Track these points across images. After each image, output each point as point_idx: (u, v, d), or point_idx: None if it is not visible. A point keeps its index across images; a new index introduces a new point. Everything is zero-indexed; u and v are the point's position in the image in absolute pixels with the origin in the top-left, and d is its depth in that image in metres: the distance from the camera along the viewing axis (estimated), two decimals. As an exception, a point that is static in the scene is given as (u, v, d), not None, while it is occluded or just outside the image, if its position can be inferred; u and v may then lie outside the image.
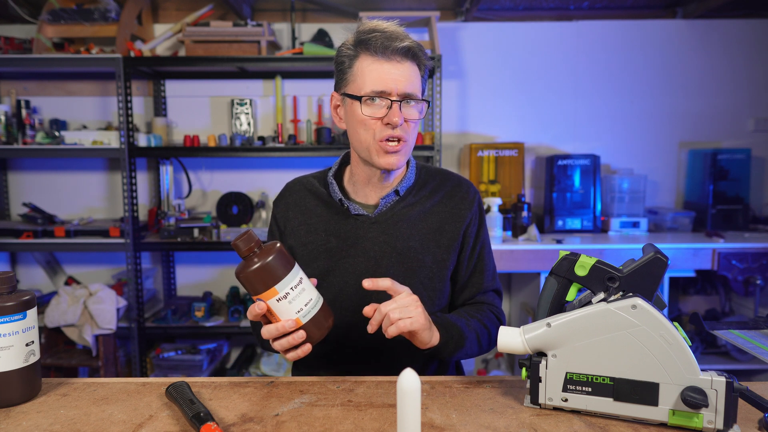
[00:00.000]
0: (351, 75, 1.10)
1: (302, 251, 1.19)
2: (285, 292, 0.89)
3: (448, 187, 1.22)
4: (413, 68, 1.09)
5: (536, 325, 0.88)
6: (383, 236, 1.16)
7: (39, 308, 2.26)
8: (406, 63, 1.08)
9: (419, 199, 1.20)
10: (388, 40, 1.06)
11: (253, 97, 2.99)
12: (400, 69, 1.07)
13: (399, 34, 1.07)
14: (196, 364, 2.71)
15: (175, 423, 0.85)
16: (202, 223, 2.75)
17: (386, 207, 1.18)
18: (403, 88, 1.07)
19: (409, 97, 1.08)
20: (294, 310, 0.90)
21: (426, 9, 3.01)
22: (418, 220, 1.17)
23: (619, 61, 3.05)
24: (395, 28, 1.09)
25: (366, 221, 1.17)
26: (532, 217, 2.81)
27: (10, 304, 0.88)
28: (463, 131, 3.09)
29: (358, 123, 1.10)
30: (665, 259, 0.87)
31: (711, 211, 2.87)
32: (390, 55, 1.06)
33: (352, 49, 1.10)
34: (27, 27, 2.95)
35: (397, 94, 1.07)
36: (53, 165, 3.06)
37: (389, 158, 1.10)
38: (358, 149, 1.14)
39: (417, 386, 0.64)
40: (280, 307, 0.90)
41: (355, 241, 1.16)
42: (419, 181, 1.22)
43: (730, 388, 0.78)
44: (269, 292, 0.88)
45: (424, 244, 1.16)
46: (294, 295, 0.90)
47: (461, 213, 1.20)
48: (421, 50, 1.10)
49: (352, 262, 1.16)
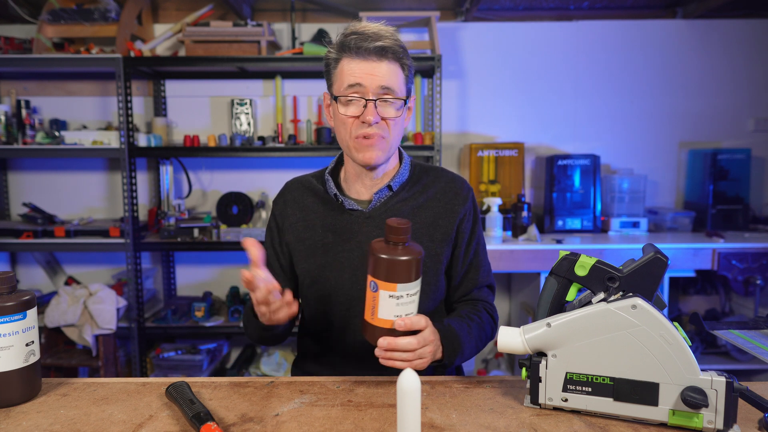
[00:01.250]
0: (334, 76, 1.15)
1: (300, 247, 1.22)
2: (401, 294, 0.90)
3: (441, 183, 1.24)
4: (391, 67, 1.11)
5: (536, 325, 0.88)
6: (377, 231, 1.18)
7: (39, 308, 2.25)
8: (383, 62, 1.10)
9: (412, 195, 1.22)
10: (364, 40, 1.09)
11: (253, 97, 2.99)
12: (375, 66, 1.10)
13: (378, 35, 1.10)
14: (196, 364, 2.71)
15: (175, 423, 0.85)
16: (202, 223, 2.74)
17: (380, 202, 1.20)
18: (378, 82, 1.10)
19: (386, 91, 1.11)
20: (394, 313, 0.91)
21: (426, 9, 3.01)
22: (411, 215, 1.20)
23: (619, 61, 3.04)
24: (377, 29, 1.11)
25: (360, 216, 1.19)
26: (532, 217, 2.81)
27: (10, 304, 0.88)
28: (463, 131, 3.09)
29: (339, 122, 1.15)
30: (665, 259, 0.87)
31: (711, 211, 2.87)
32: (366, 55, 1.10)
33: (334, 52, 1.14)
34: (27, 27, 2.95)
35: (372, 89, 1.10)
36: (53, 165, 3.06)
37: (365, 153, 1.13)
38: (343, 147, 1.19)
39: (417, 386, 0.64)
40: (387, 302, 0.90)
41: (350, 236, 1.19)
42: (413, 177, 1.25)
43: (730, 388, 0.78)
44: (390, 285, 0.89)
45: (418, 239, 1.18)
46: (404, 301, 0.90)
47: (455, 208, 1.21)
48: (401, 50, 1.12)
49: (347, 256, 1.18)
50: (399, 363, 0.95)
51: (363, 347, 1.19)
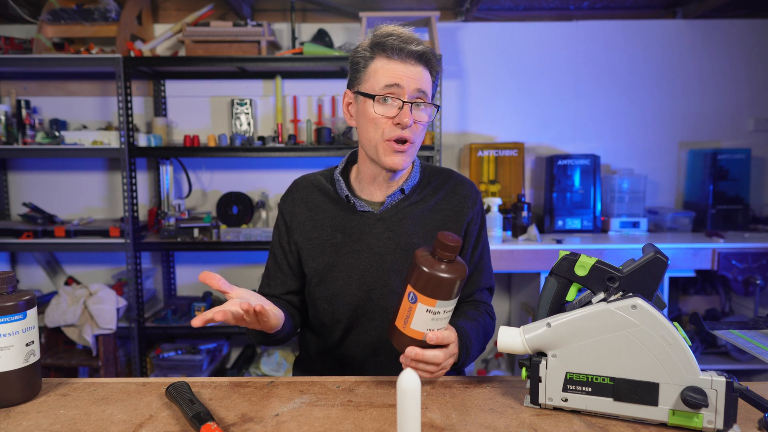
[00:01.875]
0: (365, 74, 1.14)
1: (308, 246, 1.21)
2: (438, 309, 0.89)
3: (450, 185, 1.25)
4: (425, 73, 1.13)
5: (536, 325, 0.88)
6: (388, 233, 1.18)
7: (39, 308, 2.25)
8: (419, 66, 1.12)
9: (423, 197, 1.22)
10: (403, 43, 1.10)
11: (253, 97, 2.99)
12: (414, 70, 1.11)
13: (414, 39, 1.12)
14: (196, 364, 2.71)
15: (175, 423, 0.85)
16: (202, 223, 2.75)
17: (391, 204, 1.20)
18: (415, 85, 1.10)
19: (421, 96, 1.12)
20: (427, 326, 0.91)
21: (426, 9, 3.01)
22: (421, 218, 1.20)
23: (619, 61, 3.04)
24: (410, 34, 1.13)
25: (371, 218, 1.19)
26: (532, 217, 2.81)
27: (10, 304, 0.88)
28: (463, 131, 3.09)
29: (369, 121, 1.13)
30: (665, 259, 0.87)
31: (711, 211, 2.87)
32: (405, 57, 1.10)
33: (368, 50, 1.13)
34: (27, 27, 2.95)
35: (408, 92, 1.10)
36: (53, 165, 3.06)
37: (395, 158, 1.12)
38: (366, 147, 1.16)
39: (417, 386, 0.64)
40: (423, 315, 0.90)
41: (360, 237, 1.18)
42: (423, 179, 1.25)
43: (730, 388, 0.78)
44: (430, 300, 0.88)
45: (427, 241, 1.18)
46: (439, 317, 0.90)
47: (463, 211, 1.22)
48: (434, 57, 1.14)
49: (356, 257, 1.18)
50: (422, 373, 0.95)
51: (367, 347, 1.19)
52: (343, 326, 1.19)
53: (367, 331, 1.18)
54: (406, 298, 0.91)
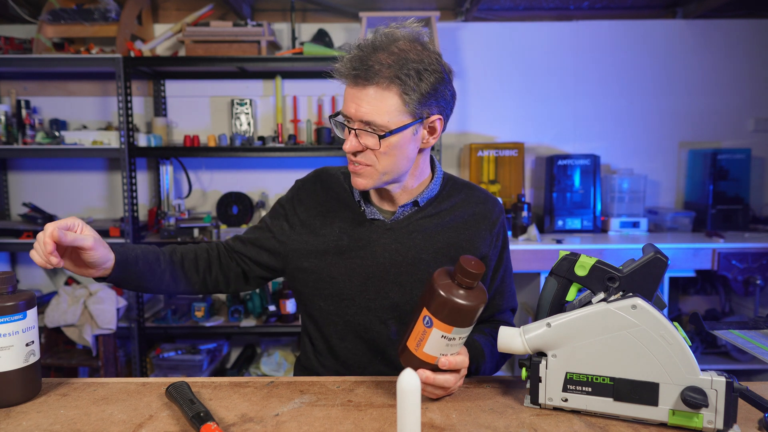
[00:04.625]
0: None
1: (314, 241, 1.17)
2: (453, 336, 0.88)
3: (471, 204, 1.19)
4: (380, 92, 0.99)
5: (536, 325, 0.88)
6: (395, 244, 1.14)
7: (39, 308, 2.25)
8: (369, 88, 1.00)
9: (439, 212, 1.16)
10: (351, 61, 1.01)
11: (253, 97, 2.99)
12: (362, 93, 1.01)
13: (366, 56, 1.00)
14: (196, 364, 2.71)
15: (175, 423, 0.85)
16: (202, 223, 2.74)
17: (403, 215, 1.16)
18: (357, 113, 1.01)
19: (359, 124, 1.02)
20: (440, 351, 0.89)
21: (426, 9, 3.01)
22: (433, 233, 1.14)
23: (620, 61, 3.04)
24: (372, 44, 1.02)
25: (381, 226, 1.15)
26: (532, 217, 2.81)
27: (10, 304, 0.88)
28: (463, 131, 3.09)
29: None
30: (665, 259, 0.87)
31: (711, 211, 2.87)
32: (354, 79, 1.01)
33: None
34: (27, 27, 2.95)
35: (354, 118, 1.03)
36: (53, 165, 3.06)
37: (353, 178, 1.10)
38: None
39: (417, 386, 0.64)
40: (437, 341, 0.88)
41: (367, 244, 1.14)
42: (442, 193, 1.19)
43: (730, 388, 0.78)
44: (447, 327, 0.86)
45: (437, 258, 1.13)
46: (453, 343, 0.89)
47: (481, 233, 1.16)
48: (399, 70, 0.99)
49: (360, 264, 1.14)
50: (429, 395, 0.93)
51: (365, 351, 1.17)
52: (340, 330, 1.16)
53: (364, 337, 1.15)
54: (420, 320, 0.88)
